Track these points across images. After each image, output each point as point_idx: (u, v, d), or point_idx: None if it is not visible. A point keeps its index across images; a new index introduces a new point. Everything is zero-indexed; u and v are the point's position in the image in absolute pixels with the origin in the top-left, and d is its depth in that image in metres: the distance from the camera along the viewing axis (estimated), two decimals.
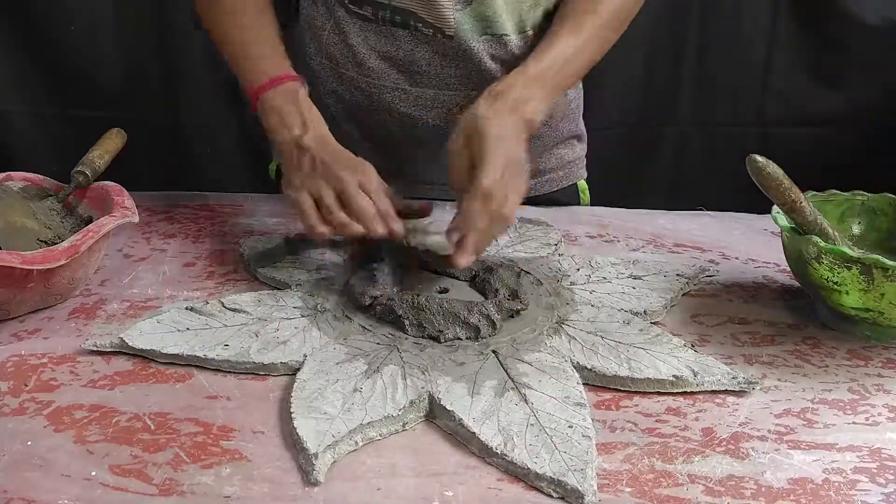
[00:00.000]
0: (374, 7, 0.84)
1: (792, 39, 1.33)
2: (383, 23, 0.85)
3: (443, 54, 0.86)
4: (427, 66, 0.87)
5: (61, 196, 0.77)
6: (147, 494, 0.47)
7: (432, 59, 0.86)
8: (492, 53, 0.86)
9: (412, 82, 0.88)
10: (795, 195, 0.65)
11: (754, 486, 0.50)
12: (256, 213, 0.92)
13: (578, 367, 0.60)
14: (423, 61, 0.86)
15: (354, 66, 0.89)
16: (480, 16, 0.84)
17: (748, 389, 0.59)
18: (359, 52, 0.88)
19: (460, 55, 0.86)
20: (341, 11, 0.87)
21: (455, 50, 0.85)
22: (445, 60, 0.86)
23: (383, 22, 0.85)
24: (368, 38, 0.87)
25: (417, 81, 0.88)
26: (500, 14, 0.85)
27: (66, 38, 1.23)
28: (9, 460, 0.50)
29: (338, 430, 0.51)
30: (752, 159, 0.64)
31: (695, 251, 0.86)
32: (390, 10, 0.84)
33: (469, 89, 0.89)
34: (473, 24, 0.84)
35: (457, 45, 0.85)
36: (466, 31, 0.84)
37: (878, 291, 0.63)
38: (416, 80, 0.88)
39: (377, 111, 0.91)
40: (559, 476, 0.48)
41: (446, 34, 0.84)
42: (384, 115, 0.91)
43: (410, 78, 0.88)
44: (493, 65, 0.87)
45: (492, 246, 0.83)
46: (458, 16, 0.83)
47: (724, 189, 1.12)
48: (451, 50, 0.85)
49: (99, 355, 0.61)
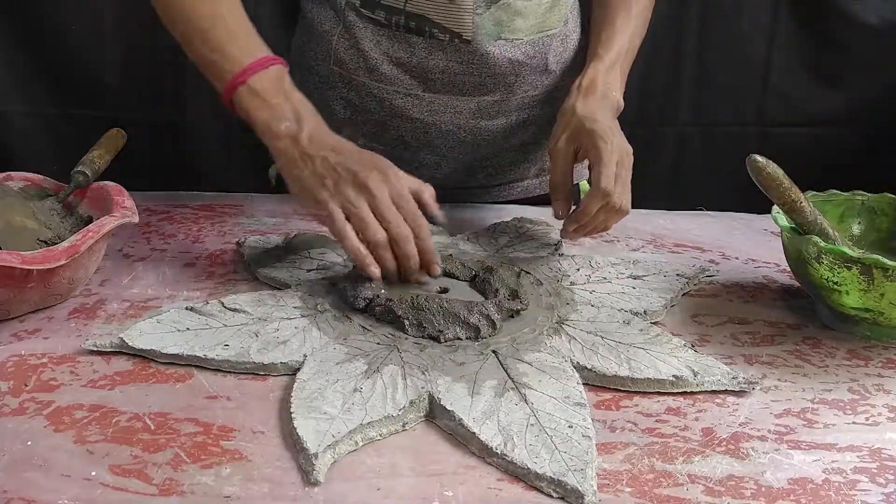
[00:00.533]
0: (388, 12, 0.83)
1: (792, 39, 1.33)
2: (396, 28, 0.84)
3: (458, 60, 0.85)
4: (441, 73, 0.86)
5: (61, 196, 0.77)
6: (147, 494, 0.47)
7: (447, 65, 0.85)
8: (508, 57, 0.86)
9: (425, 88, 0.88)
10: (795, 195, 0.65)
11: (754, 486, 0.50)
12: (256, 213, 0.92)
13: (578, 367, 0.60)
14: (438, 67, 0.86)
15: (366, 71, 0.88)
16: (498, 19, 0.84)
17: (748, 389, 0.59)
18: (370, 57, 0.86)
19: (476, 60, 0.85)
20: (352, 16, 0.86)
21: (471, 55, 0.85)
22: (460, 66, 0.86)
23: (397, 27, 0.84)
24: (381, 43, 0.86)
25: (431, 87, 0.87)
26: (518, 17, 0.85)
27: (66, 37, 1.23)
28: (9, 460, 0.49)
29: (338, 430, 0.51)
30: (752, 159, 0.64)
31: (695, 251, 0.86)
32: (404, 16, 0.83)
33: (482, 94, 0.89)
34: (491, 28, 0.84)
35: (474, 49, 0.84)
36: (484, 35, 0.84)
37: (878, 291, 0.63)
38: (429, 86, 0.87)
39: (389, 117, 0.90)
40: (559, 476, 0.48)
41: (464, 38, 0.83)
42: (396, 120, 0.90)
43: (424, 84, 0.87)
44: (508, 68, 0.87)
45: (492, 246, 0.83)
46: (478, 20, 0.83)
47: (724, 189, 1.12)
48: (466, 55, 0.85)
49: (99, 355, 0.61)
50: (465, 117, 0.90)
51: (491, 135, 0.93)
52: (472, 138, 0.92)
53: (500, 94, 0.90)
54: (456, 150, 0.93)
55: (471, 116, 0.90)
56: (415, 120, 0.89)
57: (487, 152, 0.95)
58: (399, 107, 0.89)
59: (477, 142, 0.93)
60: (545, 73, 0.91)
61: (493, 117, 0.91)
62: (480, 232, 0.87)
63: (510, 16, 0.84)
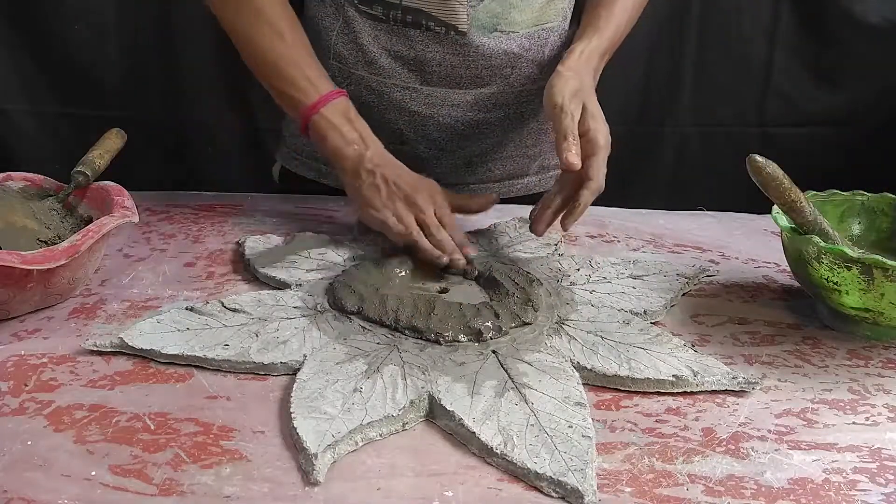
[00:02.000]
0: (385, 7, 0.85)
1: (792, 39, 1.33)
2: (394, 22, 0.85)
3: (454, 52, 0.86)
4: (438, 65, 0.87)
5: (61, 196, 0.77)
6: (147, 494, 0.47)
7: (443, 58, 0.87)
8: (504, 49, 0.87)
9: (423, 81, 0.89)
10: (795, 195, 0.65)
11: (754, 486, 0.50)
12: (256, 213, 0.92)
13: (578, 367, 0.60)
14: (434, 60, 0.87)
15: (364, 65, 0.89)
16: (493, 12, 0.85)
17: (748, 389, 0.59)
18: (369, 51, 0.88)
19: (471, 52, 0.86)
20: (351, 11, 0.87)
21: (467, 47, 0.86)
22: (457, 58, 0.87)
23: (395, 21, 0.85)
24: (379, 38, 0.87)
25: (428, 80, 0.89)
26: (514, 10, 0.85)
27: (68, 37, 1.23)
28: (9, 460, 0.50)
29: (338, 430, 0.51)
30: (752, 159, 0.64)
31: (695, 251, 0.86)
32: (401, 10, 0.84)
33: (479, 87, 0.90)
34: (486, 20, 0.85)
35: (469, 41, 0.85)
36: (479, 28, 0.85)
37: (878, 291, 0.63)
38: (426, 79, 0.89)
39: (387, 110, 0.91)
40: (559, 476, 0.48)
41: (459, 30, 0.84)
42: (394, 113, 0.91)
43: (421, 76, 0.89)
44: (504, 60, 0.88)
45: (492, 246, 0.83)
46: (472, 12, 0.84)
47: (724, 189, 1.11)
48: (462, 47, 0.86)
49: (99, 355, 0.61)
50: (463, 110, 0.91)
51: (489, 128, 0.93)
52: (470, 131, 0.93)
53: (496, 87, 0.90)
54: (454, 144, 0.93)
55: (468, 109, 0.91)
56: (413, 113, 0.90)
57: (486, 146, 0.95)
58: (397, 99, 0.90)
59: (475, 135, 0.93)
60: (543, 67, 0.91)
61: (491, 110, 0.92)
62: (480, 231, 0.87)
63: (506, 8, 0.85)
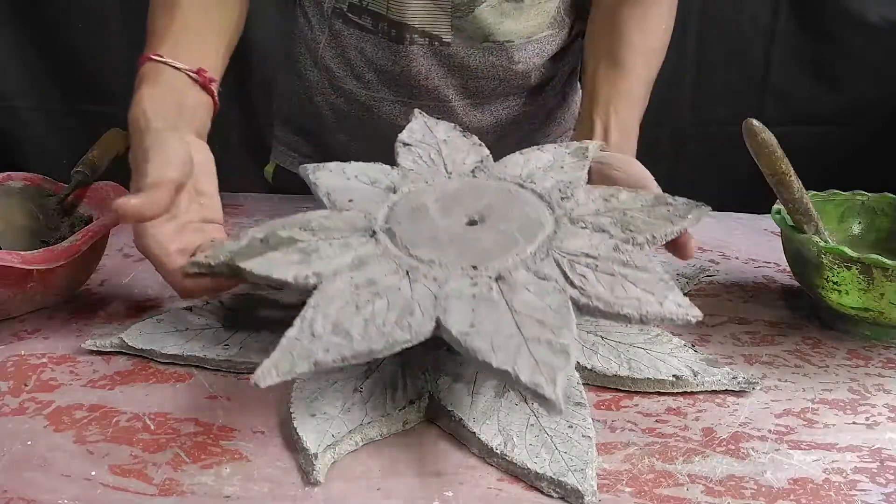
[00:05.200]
0: (374, 18, 0.83)
1: (792, 39, 1.33)
2: (382, 34, 0.84)
3: (440, 64, 0.85)
4: (425, 79, 0.86)
5: (61, 196, 0.77)
6: (147, 494, 0.47)
7: (430, 72, 0.85)
8: (492, 61, 0.86)
9: (411, 95, 0.88)
10: (786, 167, 0.64)
11: (754, 486, 0.50)
12: (256, 213, 0.92)
13: (578, 367, 0.60)
14: (421, 74, 0.86)
15: (352, 78, 0.88)
16: (481, 23, 0.83)
17: (748, 389, 0.59)
18: (356, 65, 0.87)
19: (457, 64, 0.85)
20: (339, 23, 0.86)
21: (452, 59, 0.85)
22: (443, 70, 0.86)
23: (382, 33, 0.84)
24: (365, 51, 0.86)
25: (416, 94, 0.87)
26: (501, 21, 0.84)
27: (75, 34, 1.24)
28: (9, 460, 0.50)
29: (338, 430, 0.51)
30: (748, 122, 0.62)
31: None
32: (388, 23, 0.83)
33: (465, 98, 0.88)
34: (474, 31, 0.84)
35: (454, 52, 0.84)
36: (465, 39, 0.84)
37: (878, 291, 0.63)
38: (414, 93, 0.87)
39: (377, 124, 0.90)
40: (559, 476, 0.48)
41: (443, 41, 0.83)
42: (385, 128, 0.90)
43: (409, 90, 0.87)
44: (492, 73, 0.87)
45: None
46: (458, 23, 0.83)
47: (724, 189, 1.11)
48: (447, 59, 0.85)
49: (99, 355, 0.61)
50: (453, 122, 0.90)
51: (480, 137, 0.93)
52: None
53: (484, 98, 0.90)
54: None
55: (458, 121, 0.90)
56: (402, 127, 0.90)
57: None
58: (386, 113, 0.89)
59: None
60: (532, 77, 0.91)
61: (481, 121, 0.92)
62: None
63: (496, 18, 0.84)
